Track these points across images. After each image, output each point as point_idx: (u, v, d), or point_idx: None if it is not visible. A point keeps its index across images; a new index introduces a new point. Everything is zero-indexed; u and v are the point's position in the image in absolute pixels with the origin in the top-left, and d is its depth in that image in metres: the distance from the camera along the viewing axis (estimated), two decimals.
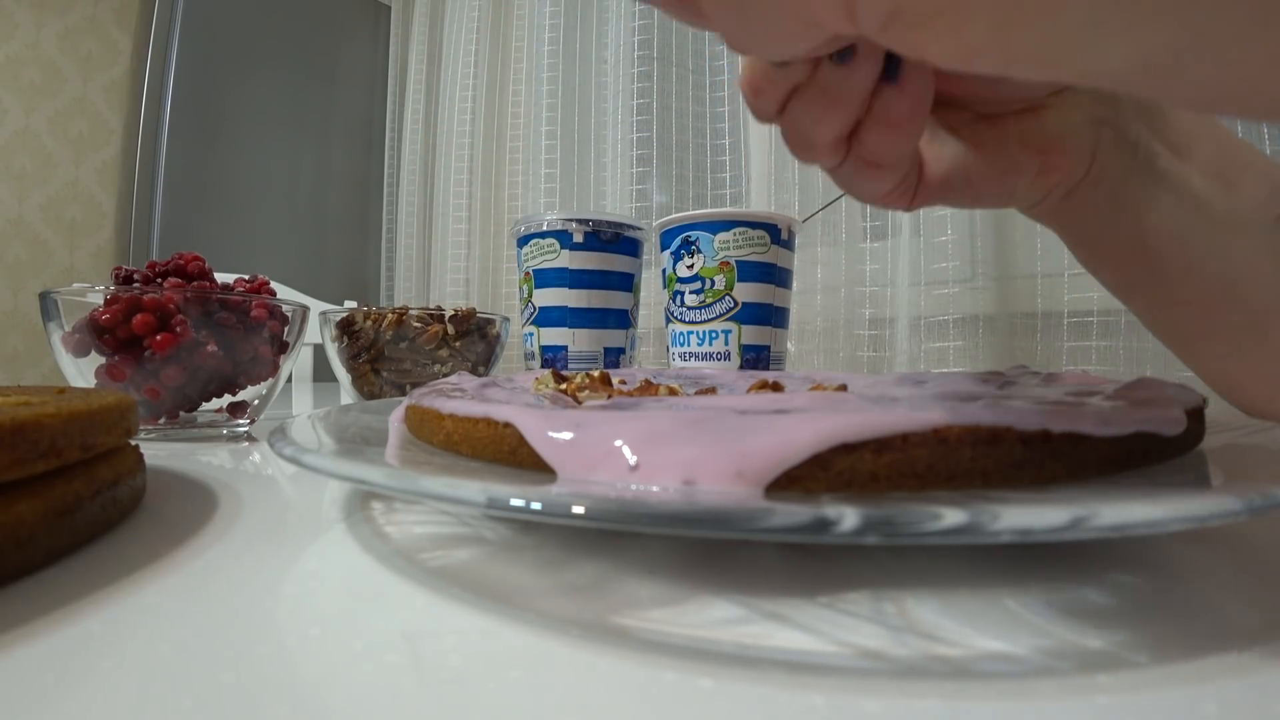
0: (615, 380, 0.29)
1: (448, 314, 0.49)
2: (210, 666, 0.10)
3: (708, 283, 0.49)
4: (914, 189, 0.24)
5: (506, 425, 0.16)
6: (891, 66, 0.18)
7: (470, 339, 0.50)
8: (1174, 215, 0.26)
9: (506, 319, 0.53)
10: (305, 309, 0.38)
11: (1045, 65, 0.10)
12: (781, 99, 0.20)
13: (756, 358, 0.50)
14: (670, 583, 0.13)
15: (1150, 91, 0.10)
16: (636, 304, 0.56)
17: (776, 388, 0.27)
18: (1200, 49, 0.09)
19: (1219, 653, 0.10)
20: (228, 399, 0.36)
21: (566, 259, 0.52)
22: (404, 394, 0.41)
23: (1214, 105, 0.10)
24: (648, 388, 0.27)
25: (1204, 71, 0.09)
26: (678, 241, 0.50)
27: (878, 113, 0.20)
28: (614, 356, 0.54)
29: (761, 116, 0.20)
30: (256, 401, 0.37)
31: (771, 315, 0.50)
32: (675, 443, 0.13)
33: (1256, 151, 0.26)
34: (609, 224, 0.52)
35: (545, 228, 0.52)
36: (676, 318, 0.51)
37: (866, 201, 0.23)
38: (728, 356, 0.49)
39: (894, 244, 0.76)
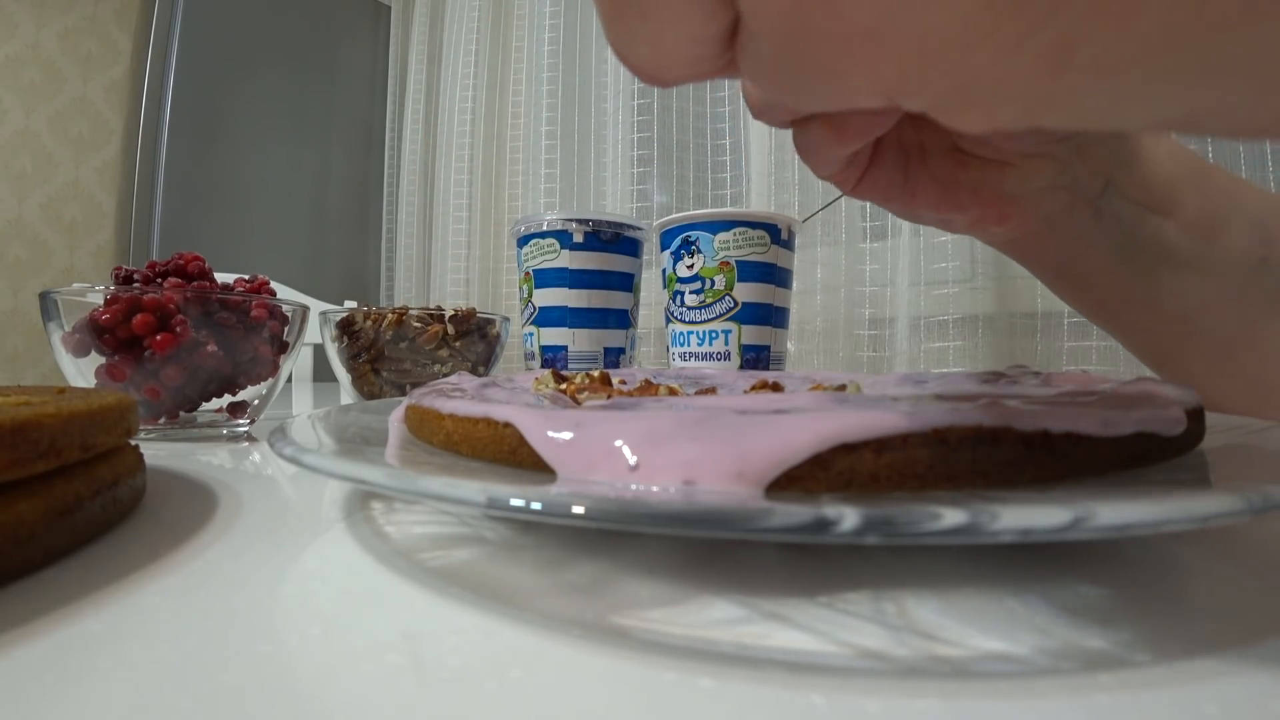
0: (615, 380, 0.29)
1: (448, 314, 0.49)
2: (210, 666, 0.10)
3: (708, 283, 0.49)
4: (857, 178, 0.24)
5: (506, 425, 0.16)
6: None
7: (470, 339, 0.50)
8: (1136, 261, 0.26)
9: (506, 319, 0.53)
10: (305, 309, 0.38)
11: (1075, 123, 0.11)
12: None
13: (756, 358, 0.50)
14: (670, 583, 0.13)
15: (1179, 130, 0.11)
16: (636, 304, 0.56)
17: (776, 388, 0.27)
18: (1233, 105, 0.09)
19: (1219, 653, 0.10)
20: (228, 399, 0.36)
21: (566, 259, 0.52)
22: (404, 394, 0.41)
23: (1247, 135, 0.10)
24: (648, 388, 0.27)
25: (1235, 119, 0.10)
26: (678, 241, 0.50)
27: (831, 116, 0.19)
28: (614, 356, 0.54)
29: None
30: (256, 401, 0.37)
31: (771, 315, 0.50)
32: (675, 443, 0.13)
33: (1251, 192, 0.26)
34: (609, 224, 0.52)
35: (545, 228, 0.52)
36: (676, 318, 0.51)
37: (812, 169, 0.23)
38: (728, 356, 0.49)
39: (894, 244, 0.76)
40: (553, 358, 0.53)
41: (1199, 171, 0.26)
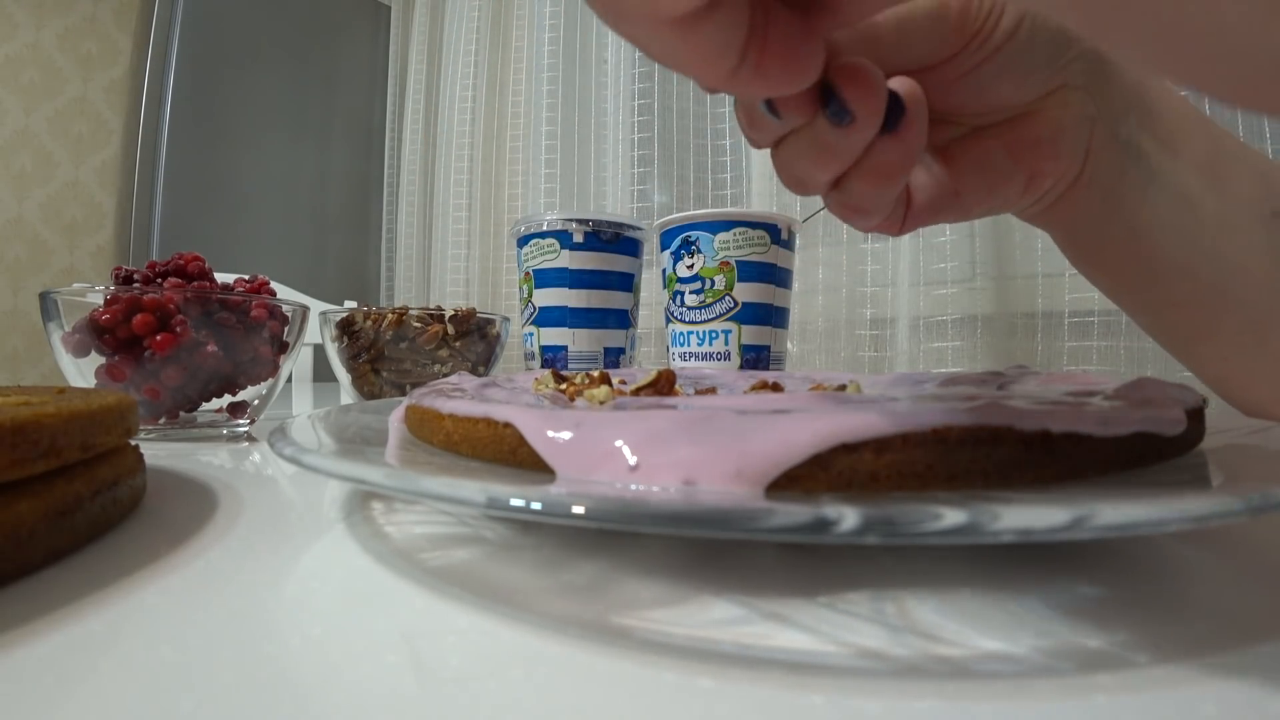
0: (615, 380, 0.29)
1: (448, 314, 0.49)
2: (210, 667, 0.10)
3: (708, 283, 0.49)
4: (902, 218, 0.24)
5: (506, 425, 0.16)
6: (892, 118, 0.18)
7: (470, 339, 0.50)
8: (1167, 215, 0.25)
9: (506, 319, 0.53)
10: (305, 309, 0.38)
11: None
12: (775, 139, 0.19)
13: (756, 358, 0.50)
14: (670, 583, 0.13)
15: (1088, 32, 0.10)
16: (636, 304, 0.56)
17: (776, 388, 0.27)
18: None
19: (1219, 653, 0.10)
20: (228, 399, 0.36)
21: (566, 259, 0.52)
22: (404, 394, 0.41)
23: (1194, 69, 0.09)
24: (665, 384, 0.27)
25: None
26: (678, 241, 0.50)
27: (867, 163, 0.19)
28: (614, 356, 0.54)
29: (756, 145, 0.20)
30: (256, 401, 0.37)
31: (771, 315, 0.50)
32: (675, 443, 0.13)
33: (1247, 147, 0.26)
34: (609, 224, 0.52)
35: (545, 228, 0.52)
36: (676, 318, 0.51)
37: (860, 229, 0.23)
38: (728, 356, 0.49)
39: (894, 244, 0.76)
40: (553, 358, 0.53)
41: (1199, 115, 0.25)
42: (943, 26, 0.19)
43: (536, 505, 0.11)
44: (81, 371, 0.33)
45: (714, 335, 0.49)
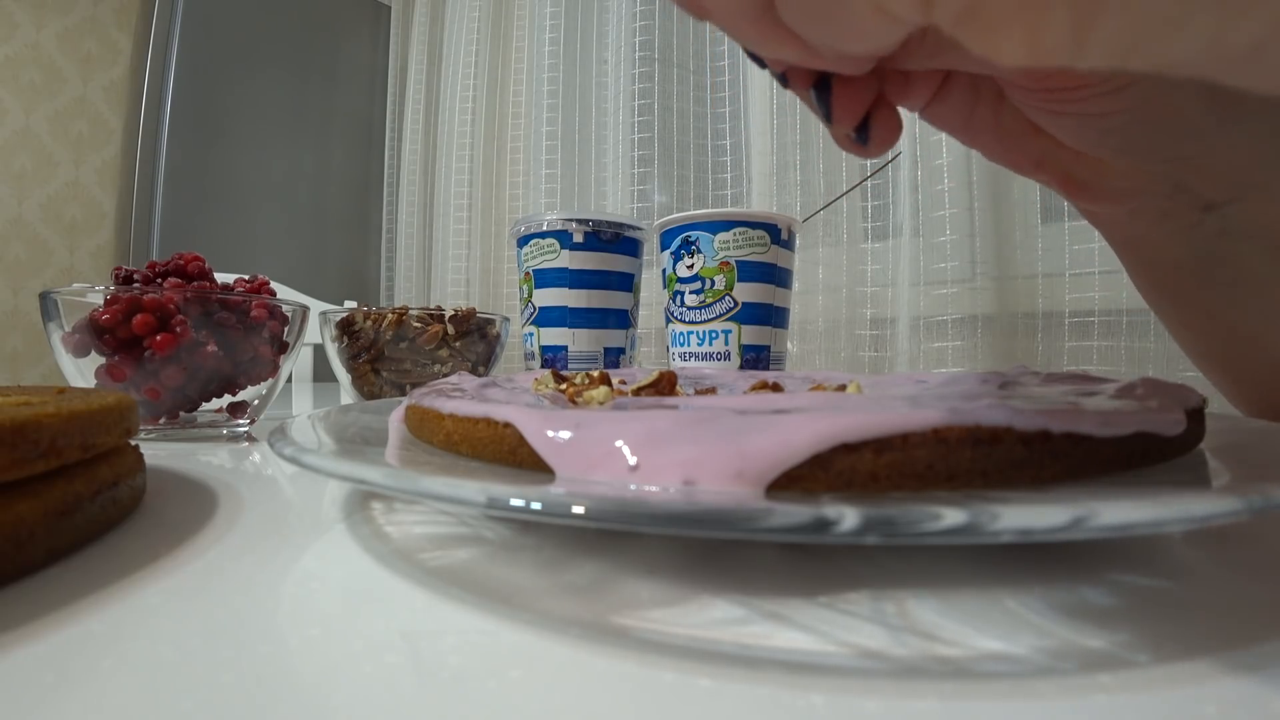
0: (615, 380, 0.29)
1: (448, 314, 0.49)
2: (210, 667, 0.10)
3: (708, 283, 0.49)
4: (927, 101, 0.21)
5: (506, 425, 0.16)
6: (865, 129, 0.18)
7: (470, 339, 0.50)
8: (1218, 277, 0.22)
9: (506, 319, 0.53)
10: (305, 309, 0.38)
11: (1115, 58, 0.09)
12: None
13: (756, 358, 0.49)
14: (670, 583, 0.13)
15: (1225, 79, 0.09)
16: (636, 304, 0.56)
17: (776, 388, 0.27)
18: None
19: (1219, 653, 0.10)
20: (228, 399, 0.36)
21: (566, 259, 0.52)
22: (404, 394, 0.41)
23: None
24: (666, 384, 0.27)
25: None
26: (678, 241, 0.50)
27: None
28: (614, 356, 0.54)
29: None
30: (256, 401, 0.37)
31: (771, 315, 0.50)
32: (675, 443, 0.13)
33: None
34: (609, 224, 0.52)
35: (545, 228, 0.52)
36: (676, 318, 0.51)
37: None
38: (728, 356, 0.49)
39: (894, 244, 0.76)
40: (553, 358, 0.53)
41: None
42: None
43: (536, 505, 0.11)
44: (81, 371, 0.33)
45: (714, 335, 0.49)
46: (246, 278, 0.41)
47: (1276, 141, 0.20)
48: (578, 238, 0.51)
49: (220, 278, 0.40)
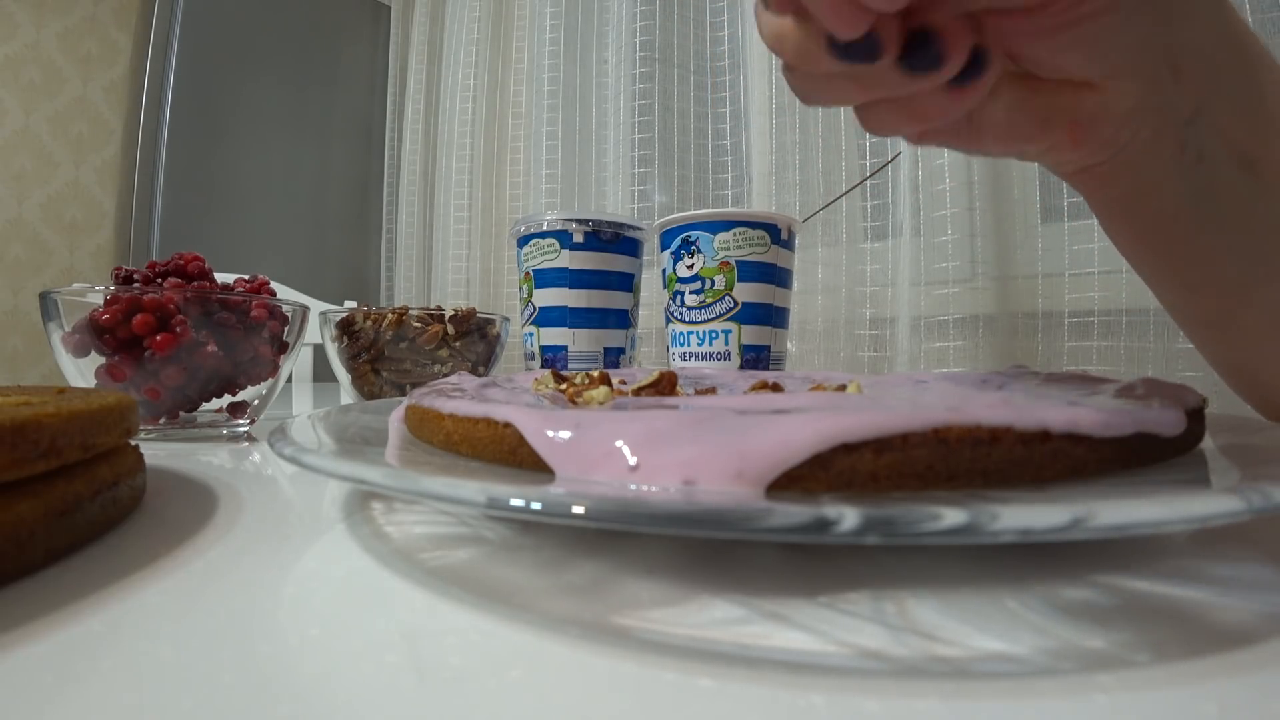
0: (615, 380, 0.29)
1: (448, 314, 0.49)
2: (210, 666, 0.10)
3: (708, 283, 0.49)
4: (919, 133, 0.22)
5: (506, 425, 0.16)
6: (969, 71, 0.17)
7: (470, 339, 0.50)
8: (1209, 210, 0.23)
9: (506, 319, 0.53)
10: (305, 309, 0.38)
11: None
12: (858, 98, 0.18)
13: (756, 358, 0.49)
14: (670, 583, 0.13)
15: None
16: (636, 304, 0.56)
17: (776, 388, 0.27)
18: None
19: (1219, 653, 0.10)
20: (228, 399, 0.36)
21: (566, 259, 0.52)
22: (404, 394, 0.41)
23: None
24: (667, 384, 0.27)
25: None
26: (678, 241, 0.50)
27: (915, 103, 0.18)
28: (614, 356, 0.54)
29: (804, 97, 0.19)
30: (256, 401, 0.37)
31: (771, 315, 0.50)
32: (675, 443, 0.13)
33: None
34: (609, 224, 0.52)
35: (545, 228, 0.52)
36: (676, 318, 0.51)
37: (876, 134, 0.21)
38: (728, 356, 0.49)
39: (894, 244, 0.76)
40: (553, 358, 0.53)
41: None
42: None
43: (536, 505, 0.11)
44: (81, 371, 0.33)
45: (714, 335, 0.49)
46: (246, 278, 0.41)
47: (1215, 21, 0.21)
48: (578, 238, 0.51)
49: (220, 278, 0.40)
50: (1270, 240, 0.24)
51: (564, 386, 0.25)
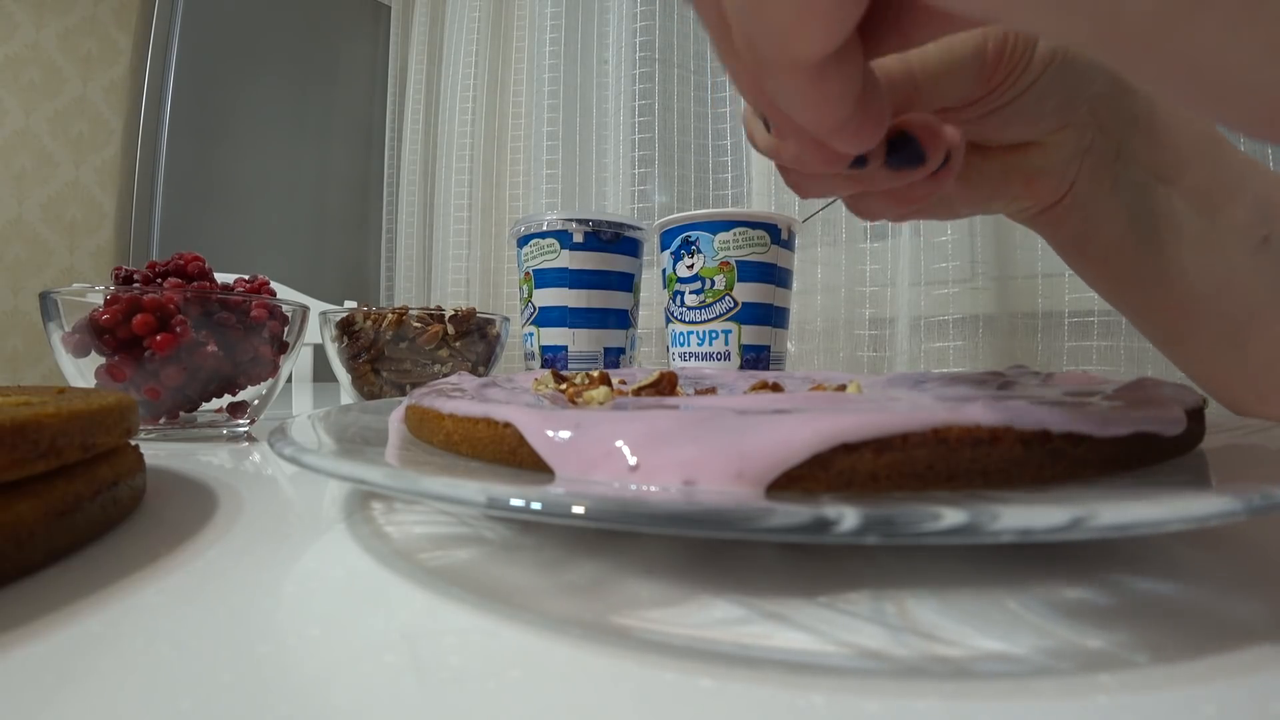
0: (615, 380, 0.29)
1: (448, 314, 0.49)
2: (210, 666, 0.10)
3: (708, 283, 0.49)
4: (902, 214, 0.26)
5: (506, 425, 0.16)
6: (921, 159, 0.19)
7: (470, 339, 0.50)
8: (1148, 235, 0.26)
9: (506, 319, 0.53)
10: (305, 309, 0.38)
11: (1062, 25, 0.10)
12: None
13: (756, 358, 0.49)
14: (670, 583, 0.13)
15: (1118, 60, 0.10)
16: (636, 304, 0.56)
17: (776, 388, 0.27)
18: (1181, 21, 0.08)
19: (1219, 653, 0.10)
20: (228, 399, 0.36)
21: (566, 259, 0.52)
22: (404, 394, 0.41)
23: (1193, 96, 0.10)
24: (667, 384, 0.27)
25: (1180, 46, 0.09)
26: (678, 241, 0.50)
27: (900, 191, 0.21)
28: (614, 356, 0.54)
29: (801, 191, 0.21)
30: (256, 401, 0.37)
31: (771, 315, 0.50)
32: (675, 443, 0.13)
33: (1259, 171, 0.26)
34: (609, 224, 0.52)
35: (545, 228, 0.52)
36: (676, 318, 0.51)
37: (862, 218, 0.25)
38: (728, 356, 0.49)
39: (894, 244, 0.76)
40: (553, 358, 0.53)
41: (1211, 140, 0.26)
42: (980, 68, 0.20)
43: (536, 505, 0.11)
44: (81, 371, 0.33)
45: (714, 335, 0.49)
46: (246, 278, 0.41)
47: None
48: (578, 238, 0.51)
49: (220, 278, 0.40)
50: (1206, 257, 0.26)
51: (564, 386, 0.25)
